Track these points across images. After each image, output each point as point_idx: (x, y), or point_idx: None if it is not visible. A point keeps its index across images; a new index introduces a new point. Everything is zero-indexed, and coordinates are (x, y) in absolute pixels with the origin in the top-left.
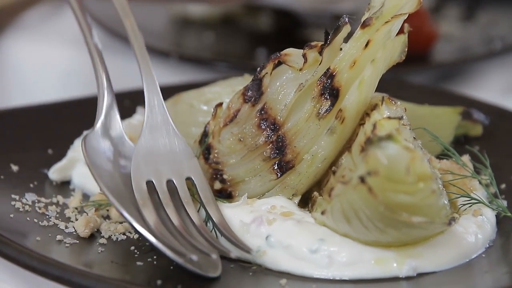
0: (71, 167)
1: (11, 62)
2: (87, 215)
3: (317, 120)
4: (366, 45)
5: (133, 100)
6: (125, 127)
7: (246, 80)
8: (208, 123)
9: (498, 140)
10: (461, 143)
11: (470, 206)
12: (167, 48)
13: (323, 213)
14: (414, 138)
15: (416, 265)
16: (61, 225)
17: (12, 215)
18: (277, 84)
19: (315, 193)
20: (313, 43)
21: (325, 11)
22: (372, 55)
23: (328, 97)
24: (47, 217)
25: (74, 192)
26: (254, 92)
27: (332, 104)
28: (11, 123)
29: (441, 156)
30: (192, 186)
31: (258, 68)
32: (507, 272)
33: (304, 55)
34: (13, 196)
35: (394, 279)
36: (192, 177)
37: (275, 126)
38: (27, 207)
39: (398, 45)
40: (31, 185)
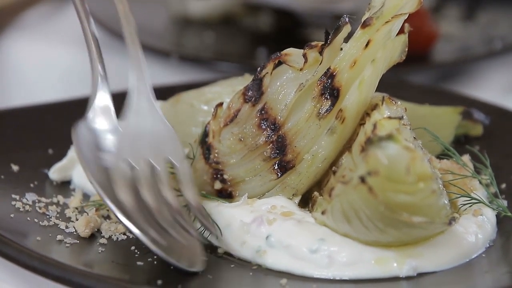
0: (72, 167)
1: (11, 62)
2: (88, 215)
3: (318, 120)
4: (367, 45)
5: None
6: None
7: (247, 80)
8: (209, 123)
9: (499, 140)
10: (462, 143)
11: (470, 206)
12: (167, 48)
13: (323, 213)
14: (415, 138)
15: (416, 265)
16: (62, 225)
17: (13, 215)
18: (278, 84)
19: (316, 193)
20: (314, 43)
21: (325, 11)
22: (372, 55)
23: (329, 97)
24: (48, 217)
25: (75, 192)
26: (255, 92)
27: (333, 104)
28: (11, 123)
29: (442, 156)
30: (172, 169)
31: (259, 68)
32: (507, 272)
33: (305, 55)
34: (14, 196)
35: (394, 279)
36: (172, 159)
37: (276, 126)
38: (28, 207)
39: (398, 45)
40: (32, 185)
